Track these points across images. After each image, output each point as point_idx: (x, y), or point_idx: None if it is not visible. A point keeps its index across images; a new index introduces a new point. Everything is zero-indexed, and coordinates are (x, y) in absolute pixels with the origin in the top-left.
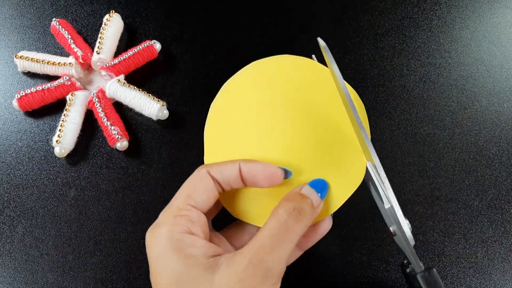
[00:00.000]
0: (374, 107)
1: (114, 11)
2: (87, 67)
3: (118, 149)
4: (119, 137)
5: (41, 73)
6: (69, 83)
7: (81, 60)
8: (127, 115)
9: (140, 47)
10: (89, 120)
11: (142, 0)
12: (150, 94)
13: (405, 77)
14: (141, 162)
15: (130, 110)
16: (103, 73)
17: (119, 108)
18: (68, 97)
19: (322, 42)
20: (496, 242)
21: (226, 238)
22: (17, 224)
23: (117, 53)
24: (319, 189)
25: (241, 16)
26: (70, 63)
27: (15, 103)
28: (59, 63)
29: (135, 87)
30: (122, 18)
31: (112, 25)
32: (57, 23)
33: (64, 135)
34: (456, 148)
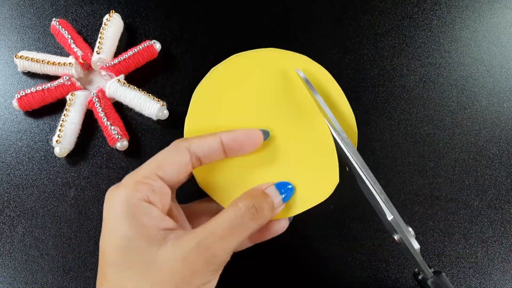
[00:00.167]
0: (374, 107)
1: (114, 11)
2: (87, 67)
3: (118, 149)
4: (119, 137)
5: (41, 73)
6: (69, 83)
7: (81, 60)
8: (127, 115)
9: (140, 47)
10: (89, 120)
11: (142, 0)
12: (150, 94)
13: (405, 77)
14: (141, 162)
15: (130, 110)
16: (103, 73)
17: (119, 108)
18: (68, 97)
19: (301, 73)
20: (496, 242)
21: (187, 214)
22: (17, 224)
23: (117, 53)
24: (284, 192)
25: (241, 16)
26: (70, 63)
27: (15, 103)
28: (59, 63)
29: (135, 87)
30: (122, 18)
31: (112, 25)
32: (57, 23)
33: (64, 135)
34: (456, 148)
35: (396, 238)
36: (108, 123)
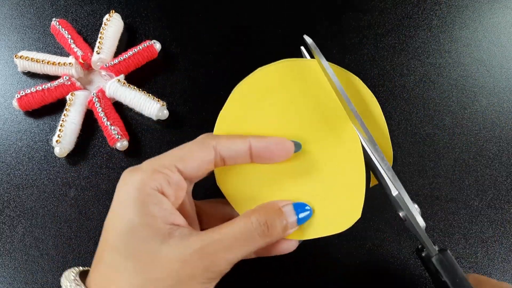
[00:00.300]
0: None
1: (114, 11)
2: (87, 67)
3: (118, 149)
4: (119, 137)
5: (41, 73)
6: (69, 83)
7: (81, 60)
8: (127, 115)
9: (140, 47)
10: (89, 120)
11: (142, 0)
12: (150, 94)
13: (405, 77)
14: (141, 162)
15: (130, 110)
16: (103, 73)
17: (119, 108)
18: (68, 97)
19: (309, 39)
20: (496, 242)
21: (199, 211)
22: (17, 224)
23: (117, 53)
24: (301, 214)
25: (241, 16)
26: (70, 63)
27: (15, 103)
28: (59, 63)
29: (135, 87)
30: (122, 18)
31: (112, 25)
32: (57, 23)
33: (64, 135)
34: (456, 148)
35: (402, 215)
36: (108, 123)
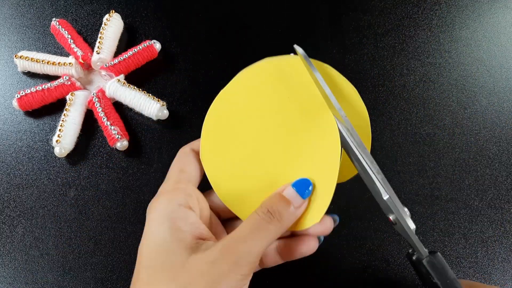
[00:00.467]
0: (374, 107)
1: (114, 11)
2: (87, 67)
3: (118, 149)
4: (119, 137)
5: (41, 73)
6: (69, 83)
7: (81, 60)
8: (127, 115)
9: (140, 47)
10: (89, 120)
11: (142, 0)
12: (150, 94)
13: (405, 77)
14: (141, 162)
15: (130, 110)
16: (103, 73)
17: (119, 108)
18: (68, 97)
19: (299, 49)
20: (496, 242)
21: (229, 229)
22: (17, 224)
23: (117, 53)
24: (302, 189)
25: (241, 16)
26: (70, 63)
27: (15, 103)
28: (59, 63)
29: (135, 87)
30: (122, 18)
31: (112, 25)
32: (57, 23)
33: (64, 135)
34: (456, 148)
35: (392, 218)
36: (108, 123)
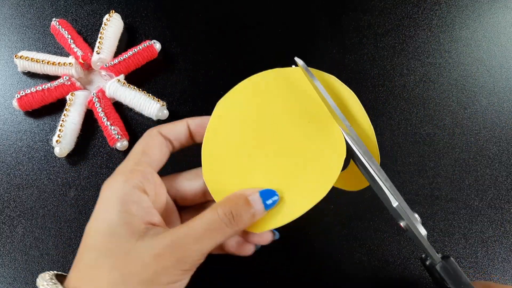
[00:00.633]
0: (374, 107)
1: (114, 11)
2: (87, 67)
3: (118, 149)
4: (119, 137)
5: (41, 73)
6: (69, 83)
7: (81, 60)
8: (127, 115)
9: (140, 47)
10: (89, 120)
11: (142, 0)
12: (150, 94)
13: (405, 77)
14: None
15: (130, 110)
16: (103, 73)
17: (119, 108)
18: (68, 97)
19: (300, 61)
20: (496, 242)
21: (181, 201)
22: (17, 224)
23: (117, 53)
24: (267, 200)
25: (241, 16)
26: (70, 63)
27: (15, 103)
28: (59, 63)
29: (135, 87)
30: (122, 18)
31: (112, 25)
32: (57, 23)
33: (64, 135)
34: (456, 148)
35: (403, 225)
36: (108, 123)
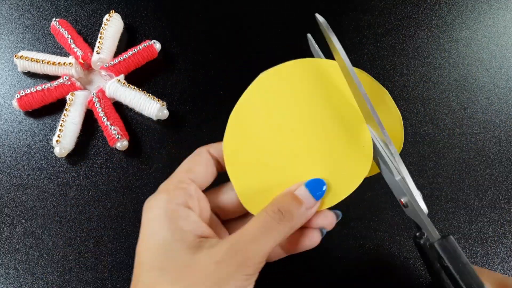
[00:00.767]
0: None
1: (114, 11)
2: (87, 67)
3: (118, 149)
4: (119, 137)
5: (41, 73)
6: (69, 83)
7: (81, 60)
8: (127, 115)
9: (140, 47)
10: (89, 120)
11: (142, 0)
12: (150, 94)
13: (405, 77)
14: (141, 162)
15: (130, 110)
16: (103, 73)
17: (119, 108)
18: (68, 97)
19: (321, 18)
20: (496, 242)
21: (223, 214)
22: (17, 224)
23: (117, 53)
24: (316, 190)
25: (241, 16)
26: (70, 63)
27: (15, 103)
28: (59, 63)
29: (135, 87)
30: (122, 18)
31: (112, 25)
32: (57, 23)
33: (64, 135)
34: (456, 148)
35: (404, 201)
36: (108, 123)
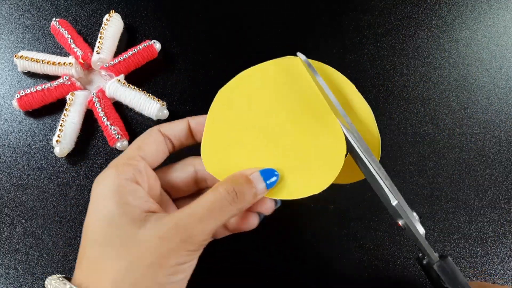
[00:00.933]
0: (374, 107)
1: (114, 11)
2: (87, 67)
3: (118, 149)
4: (119, 137)
5: (41, 73)
6: (69, 83)
7: (81, 60)
8: (127, 115)
9: (140, 47)
10: (89, 120)
11: (142, 0)
12: (150, 94)
13: (405, 77)
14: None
15: (130, 110)
16: (103, 73)
17: (119, 108)
18: (68, 97)
19: (303, 56)
20: (496, 242)
21: (173, 191)
22: (17, 224)
23: (117, 53)
24: (269, 178)
25: (241, 16)
26: (70, 63)
27: (15, 103)
28: (59, 63)
29: (135, 87)
30: (122, 18)
31: (112, 25)
32: (57, 23)
33: (64, 135)
34: (456, 148)
35: (401, 223)
36: (108, 123)
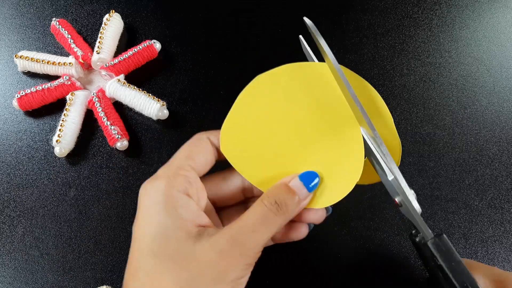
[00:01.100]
0: None
1: (114, 11)
2: (87, 67)
3: (118, 149)
4: (119, 137)
5: (41, 73)
6: (69, 83)
7: (81, 60)
8: (127, 115)
9: (140, 47)
10: (89, 120)
11: (142, 0)
12: (150, 94)
13: (405, 77)
14: (141, 162)
15: (130, 110)
16: (103, 73)
17: (119, 108)
18: (68, 97)
19: (309, 21)
20: (496, 242)
21: (217, 203)
22: (17, 224)
23: (117, 53)
24: (309, 182)
25: (241, 16)
26: (70, 63)
27: (15, 103)
28: (59, 63)
29: (135, 87)
30: (122, 18)
31: (112, 25)
32: (57, 23)
33: (64, 135)
34: (456, 148)
35: (397, 200)
36: (108, 123)
